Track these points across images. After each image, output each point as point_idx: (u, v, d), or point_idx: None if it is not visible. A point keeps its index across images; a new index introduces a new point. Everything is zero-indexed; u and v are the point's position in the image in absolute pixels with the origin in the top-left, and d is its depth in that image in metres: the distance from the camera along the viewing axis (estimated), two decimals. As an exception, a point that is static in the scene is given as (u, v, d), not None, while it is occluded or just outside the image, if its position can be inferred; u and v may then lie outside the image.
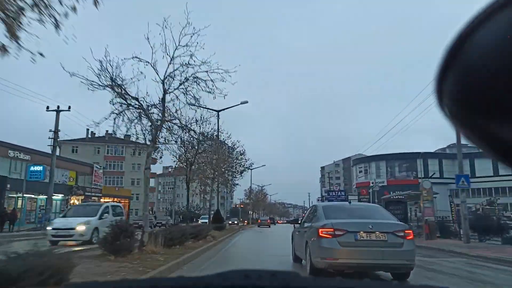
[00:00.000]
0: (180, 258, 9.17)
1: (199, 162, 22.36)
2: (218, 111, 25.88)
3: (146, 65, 10.60)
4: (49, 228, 15.60)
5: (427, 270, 8.82)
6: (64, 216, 16.54)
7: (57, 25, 4.25)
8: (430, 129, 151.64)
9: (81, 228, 14.82)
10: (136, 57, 10.53)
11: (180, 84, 11.18)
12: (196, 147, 19.12)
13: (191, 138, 17.67)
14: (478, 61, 0.48)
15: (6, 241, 14.72)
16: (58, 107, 27.59)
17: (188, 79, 11.14)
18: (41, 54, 4.29)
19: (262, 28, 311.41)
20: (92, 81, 10.11)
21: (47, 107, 27.64)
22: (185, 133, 15.46)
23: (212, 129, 23.97)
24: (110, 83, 10.29)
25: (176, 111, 12.17)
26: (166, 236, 10.43)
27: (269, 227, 48.97)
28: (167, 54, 10.54)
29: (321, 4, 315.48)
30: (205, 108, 18.38)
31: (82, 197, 36.56)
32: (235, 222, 52.87)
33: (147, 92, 11.62)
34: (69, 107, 27.80)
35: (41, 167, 31.66)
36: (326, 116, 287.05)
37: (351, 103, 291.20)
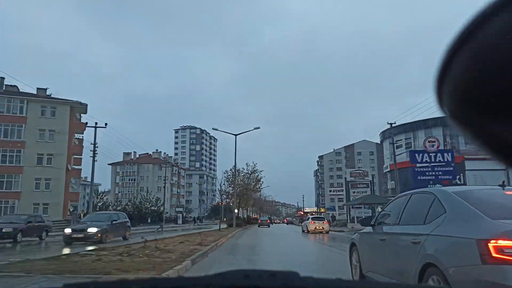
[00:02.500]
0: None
1: None
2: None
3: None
4: None
5: None
6: None
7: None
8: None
9: None
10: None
11: None
12: None
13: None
14: (478, 61, 0.48)
15: None
16: None
17: None
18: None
19: (248, 22, 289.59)
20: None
21: None
22: None
23: None
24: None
25: None
26: None
27: (269, 226, 49.60)
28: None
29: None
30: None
31: None
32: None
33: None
34: None
35: None
36: (313, 113, 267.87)
37: (343, 99, 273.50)
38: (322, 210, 78.80)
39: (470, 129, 0.56)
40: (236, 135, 34.47)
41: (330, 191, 59.76)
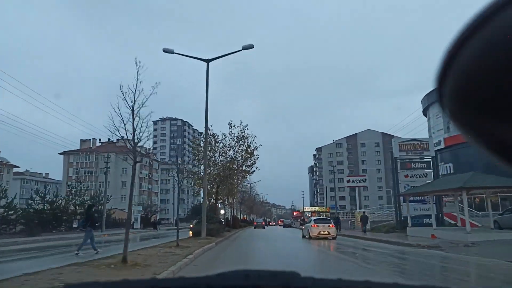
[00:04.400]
0: None
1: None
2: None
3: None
4: None
5: None
6: None
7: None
8: None
9: None
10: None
11: None
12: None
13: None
14: (479, 62, 0.48)
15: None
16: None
17: None
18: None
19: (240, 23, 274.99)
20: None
21: None
22: None
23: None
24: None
25: None
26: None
27: (264, 228, 51.10)
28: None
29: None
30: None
31: None
32: None
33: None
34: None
35: None
36: (304, 114, 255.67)
37: (335, 99, 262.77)
38: (327, 209, 63.30)
39: (471, 130, 0.55)
40: (208, 61, 18.60)
41: (348, 181, 43.78)
